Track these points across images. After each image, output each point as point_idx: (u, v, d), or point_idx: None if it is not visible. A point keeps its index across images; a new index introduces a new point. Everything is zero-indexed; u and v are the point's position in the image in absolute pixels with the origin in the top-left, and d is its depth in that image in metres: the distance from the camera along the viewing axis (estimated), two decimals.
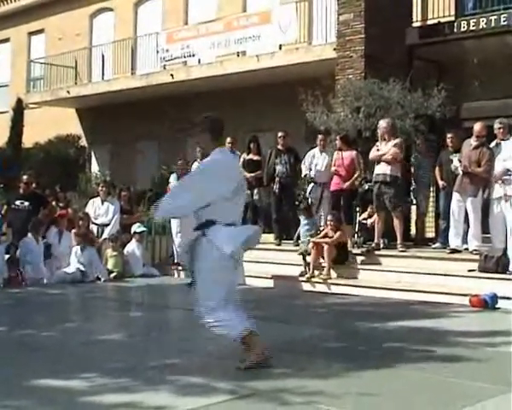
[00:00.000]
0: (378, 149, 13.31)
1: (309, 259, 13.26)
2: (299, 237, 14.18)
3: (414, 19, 17.40)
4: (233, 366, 6.31)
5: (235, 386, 5.75)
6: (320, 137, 14.76)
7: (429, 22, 17.46)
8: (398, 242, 13.21)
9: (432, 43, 16.48)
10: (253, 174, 15.31)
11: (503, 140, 12.06)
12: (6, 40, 32.43)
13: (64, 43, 28.35)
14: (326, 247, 12.92)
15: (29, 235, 13.95)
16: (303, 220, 14.05)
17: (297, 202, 15.31)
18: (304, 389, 5.65)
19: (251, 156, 15.69)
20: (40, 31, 30.74)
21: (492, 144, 12.24)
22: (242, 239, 6.42)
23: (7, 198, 16.26)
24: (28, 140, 25.84)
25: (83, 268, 14.10)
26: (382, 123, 13.41)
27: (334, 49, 16.81)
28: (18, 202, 14.62)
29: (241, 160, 15.63)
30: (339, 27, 16.58)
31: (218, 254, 6.28)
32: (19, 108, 26.41)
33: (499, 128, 12.12)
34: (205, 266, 6.36)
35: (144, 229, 15.53)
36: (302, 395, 5.48)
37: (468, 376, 6.15)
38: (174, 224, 15.25)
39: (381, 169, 13.12)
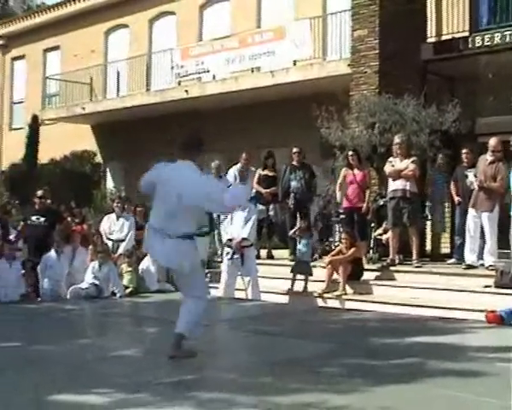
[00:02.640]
0: (393, 165, 13.32)
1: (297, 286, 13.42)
2: (294, 254, 14.13)
3: (428, 34, 17.39)
4: (252, 381, 6.30)
5: (255, 401, 5.74)
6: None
7: (444, 38, 17.46)
8: (414, 257, 13.19)
9: (446, 59, 16.47)
10: (268, 190, 15.34)
11: None
12: (22, 57, 32.69)
13: (79, 59, 28.51)
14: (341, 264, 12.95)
15: (52, 251, 14.00)
16: (302, 239, 13.90)
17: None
18: (325, 404, 5.63)
19: (266, 172, 15.71)
20: (55, 47, 30.94)
21: None
22: None
23: (23, 214, 16.33)
24: (44, 156, 25.98)
25: (98, 283, 14.10)
26: (397, 139, 13.42)
27: (349, 65, 16.83)
28: (34, 218, 14.66)
29: (257, 175, 15.68)
30: (353, 43, 16.61)
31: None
32: (34, 125, 26.57)
33: None
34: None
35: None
36: None
37: (486, 392, 6.12)
38: None
39: (400, 185, 13.12)
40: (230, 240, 13.05)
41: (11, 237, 14.76)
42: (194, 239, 7.34)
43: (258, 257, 14.91)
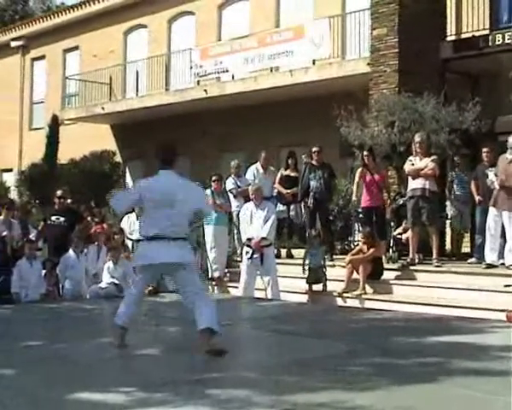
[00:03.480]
0: (413, 164, 13.28)
1: (316, 287, 13.43)
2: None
3: (448, 33, 17.34)
4: (271, 380, 6.30)
5: (274, 400, 5.74)
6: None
7: (463, 36, 17.39)
8: (434, 257, 13.15)
9: (466, 57, 16.41)
10: (289, 191, 15.36)
11: None
12: (42, 57, 32.86)
13: (98, 60, 28.63)
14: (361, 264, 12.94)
15: (70, 251, 14.06)
16: (313, 248, 13.84)
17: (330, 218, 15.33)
18: (344, 403, 5.61)
19: (288, 172, 15.73)
20: (75, 48, 31.11)
21: None
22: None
23: (43, 214, 16.40)
24: (64, 156, 26.06)
25: (117, 282, 14.14)
26: (417, 138, 13.38)
27: (368, 64, 16.80)
28: (53, 218, 14.71)
29: (279, 175, 15.70)
30: (372, 42, 16.59)
31: None
32: (54, 125, 26.66)
33: None
34: None
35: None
36: None
37: (507, 392, 6.08)
38: (209, 238, 15.30)
39: (420, 184, 13.08)
40: (250, 239, 13.05)
41: (31, 236, 14.84)
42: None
43: (278, 256, 14.93)
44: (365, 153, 14.12)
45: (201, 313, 7.52)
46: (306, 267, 13.58)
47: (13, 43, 33.52)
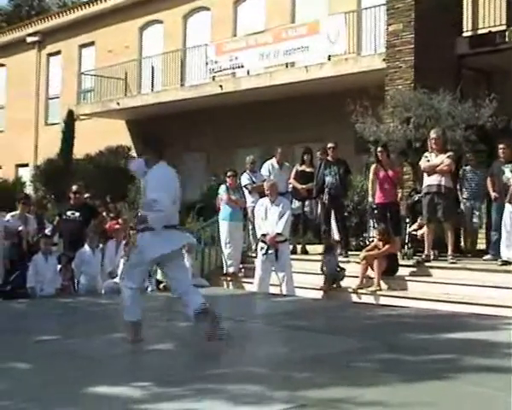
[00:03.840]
0: (428, 160, 13.23)
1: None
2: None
3: (464, 28, 17.27)
4: (284, 376, 6.30)
5: (288, 395, 5.73)
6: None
7: (480, 31, 17.31)
8: (449, 253, 13.10)
9: (482, 53, 16.33)
10: (304, 186, 15.35)
11: None
12: (57, 53, 32.96)
13: (114, 55, 28.70)
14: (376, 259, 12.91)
15: (86, 246, 14.09)
16: (327, 255, 13.84)
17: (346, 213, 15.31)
18: (359, 399, 5.60)
19: (303, 168, 15.72)
20: (90, 43, 31.20)
21: None
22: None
23: (58, 209, 16.45)
24: (79, 151, 26.13)
25: None
26: (433, 134, 13.33)
27: (384, 60, 16.77)
28: (69, 213, 14.74)
29: (294, 171, 15.69)
30: (388, 38, 16.56)
31: None
32: (70, 120, 26.74)
33: None
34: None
35: (194, 240, 15.55)
36: (361, 406, 5.43)
37: None
38: (223, 234, 15.32)
39: (435, 180, 13.03)
40: (265, 235, 13.04)
41: (47, 231, 14.89)
42: None
43: (293, 252, 14.93)
44: (379, 149, 14.09)
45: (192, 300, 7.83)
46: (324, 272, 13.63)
47: (29, 39, 33.65)
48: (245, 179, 16.05)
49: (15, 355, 7.58)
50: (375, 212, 14.38)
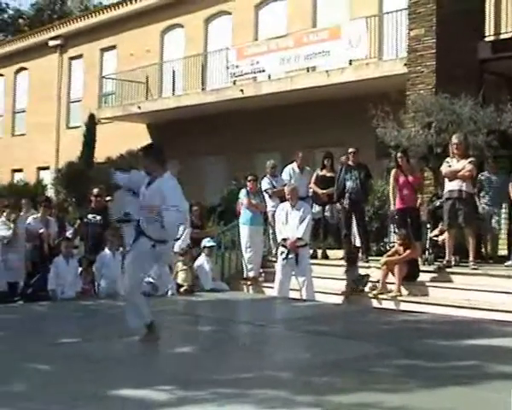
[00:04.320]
0: (449, 166, 13.17)
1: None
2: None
3: (486, 33, 17.19)
4: (306, 381, 6.29)
5: (315, 400, 5.74)
6: None
7: (502, 36, 17.23)
8: (470, 259, 13.03)
9: (505, 58, 16.24)
10: (324, 191, 15.32)
11: None
12: (79, 56, 33.13)
13: (135, 59, 28.80)
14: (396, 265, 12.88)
15: (106, 249, 14.14)
16: (348, 266, 13.78)
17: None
18: (382, 404, 5.60)
19: (324, 172, 15.69)
20: (112, 47, 31.31)
21: None
22: None
23: (79, 212, 16.50)
24: (100, 155, 26.22)
25: (152, 281, 14.18)
26: (455, 139, 13.27)
27: (405, 65, 16.72)
28: (90, 216, 14.77)
29: (315, 175, 15.67)
30: (410, 42, 16.50)
31: None
32: (91, 123, 26.84)
33: None
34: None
35: (214, 243, 15.56)
36: None
37: None
38: (244, 239, 15.33)
39: (456, 185, 12.97)
40: (285, 240, 13.04)
41: (68, 234, 14.95)
42: None
43: (314, 257, 14.91)
44: (399, 154, 14.04)
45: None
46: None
47: (51, 43, 33.85)
48: (265, 184, 16.05)
49: (37, 356, 7.62)
50: (396, 217, 14.33)
